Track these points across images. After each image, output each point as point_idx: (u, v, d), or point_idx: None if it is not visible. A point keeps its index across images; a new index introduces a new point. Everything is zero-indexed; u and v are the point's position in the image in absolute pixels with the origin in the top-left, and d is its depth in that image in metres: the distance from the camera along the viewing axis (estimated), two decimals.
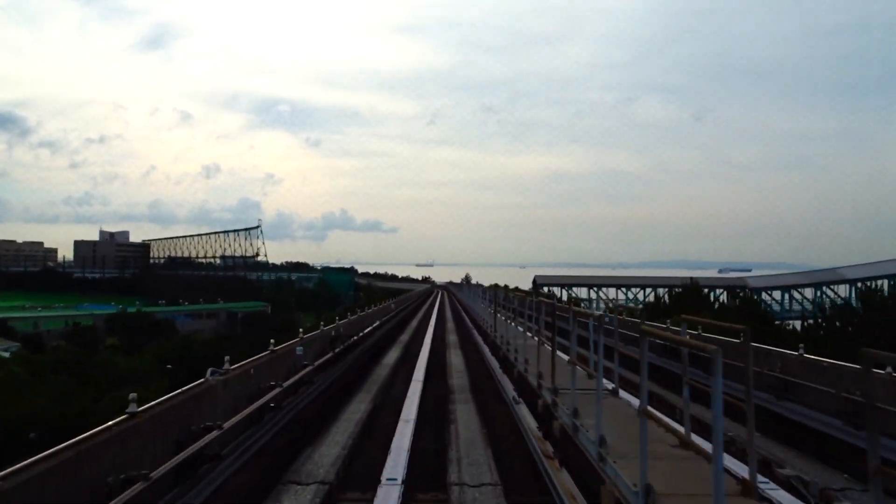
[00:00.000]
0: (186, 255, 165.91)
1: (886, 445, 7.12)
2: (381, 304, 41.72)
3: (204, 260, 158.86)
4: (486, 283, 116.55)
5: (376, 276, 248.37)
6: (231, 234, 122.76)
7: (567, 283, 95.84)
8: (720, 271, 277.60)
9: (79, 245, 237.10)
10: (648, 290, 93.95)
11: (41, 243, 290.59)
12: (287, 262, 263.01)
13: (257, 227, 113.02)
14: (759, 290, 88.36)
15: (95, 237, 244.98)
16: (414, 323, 40.23)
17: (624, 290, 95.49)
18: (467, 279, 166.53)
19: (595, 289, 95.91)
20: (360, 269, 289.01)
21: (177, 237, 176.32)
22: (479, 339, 25.13)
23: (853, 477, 7.86)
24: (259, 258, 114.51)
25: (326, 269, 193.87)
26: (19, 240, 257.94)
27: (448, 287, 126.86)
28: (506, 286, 48.72)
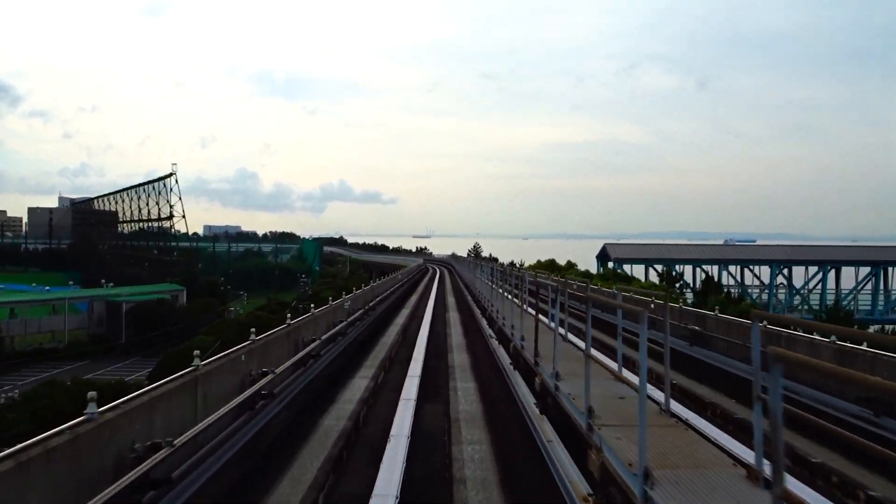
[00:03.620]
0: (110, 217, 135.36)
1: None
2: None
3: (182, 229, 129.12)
4: (497, 259, 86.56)
5: (364, 246, 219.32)
6: (144, 190, 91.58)
7: (653, 257, 66.16)
8: (725, 242, 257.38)
9: (33, 212, 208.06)
10: (802, 268, 65.33)
11: (4, 211, 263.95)
12: (271, 233, 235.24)
13: (171, 174, 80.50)
14: None
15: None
16: None
17: (757, 267, 66.16)
18: (476, 252, 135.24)
19: (720, 266, 66.48)
20: (355, 241, 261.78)
21: (96, 197, 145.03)
22: None
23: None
24: (175, 220, 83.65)
25: (308, 241, 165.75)
26: None
27: (451, 265, 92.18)
28: None
